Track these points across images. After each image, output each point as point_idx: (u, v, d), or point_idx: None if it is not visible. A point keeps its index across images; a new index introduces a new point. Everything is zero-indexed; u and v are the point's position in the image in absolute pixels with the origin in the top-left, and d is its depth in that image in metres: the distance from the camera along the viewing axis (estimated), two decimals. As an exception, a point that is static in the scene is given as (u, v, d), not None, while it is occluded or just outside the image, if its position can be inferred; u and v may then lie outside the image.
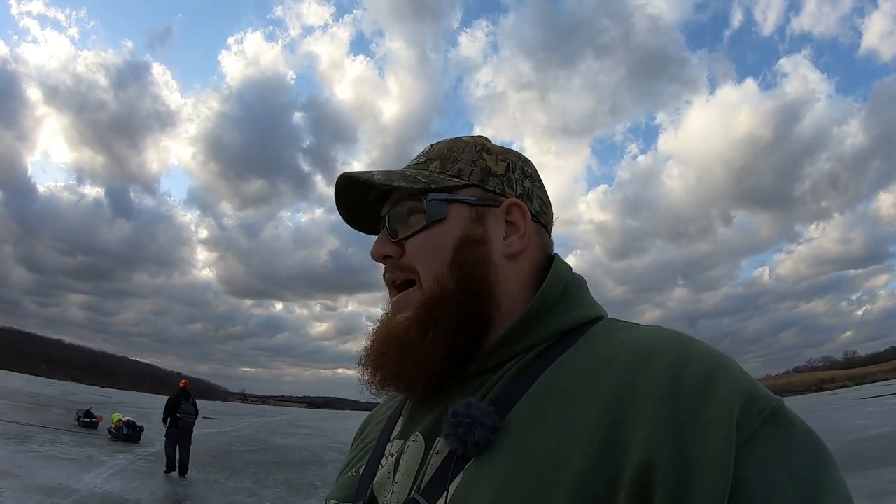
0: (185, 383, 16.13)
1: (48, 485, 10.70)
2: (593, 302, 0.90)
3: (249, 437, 30.65)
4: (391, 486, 0.80)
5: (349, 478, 0.93)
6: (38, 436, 17.91)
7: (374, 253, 0.90)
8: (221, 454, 20.69)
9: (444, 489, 0.72)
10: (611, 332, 0.81)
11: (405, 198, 0.89)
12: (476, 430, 0.72)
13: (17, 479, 10.82)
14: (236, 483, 14.06)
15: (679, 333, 0.75)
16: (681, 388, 0.65)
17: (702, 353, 0.70)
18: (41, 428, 20.17)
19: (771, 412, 0.65)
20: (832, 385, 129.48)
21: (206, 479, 14.29)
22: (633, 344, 0.74)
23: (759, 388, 0.67)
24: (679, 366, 0.67)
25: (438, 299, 0.83)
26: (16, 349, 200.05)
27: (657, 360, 0.69)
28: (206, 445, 22.44)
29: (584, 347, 0.79)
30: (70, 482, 11.31)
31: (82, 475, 12.35)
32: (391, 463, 0.83)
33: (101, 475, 12.78)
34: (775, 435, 0.63)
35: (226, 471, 16.12)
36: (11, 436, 16.66)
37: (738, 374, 0.67)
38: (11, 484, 10.29)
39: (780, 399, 0.67)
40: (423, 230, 0.87)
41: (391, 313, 0.89)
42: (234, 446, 24.44)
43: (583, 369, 0.75)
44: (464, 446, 0.73)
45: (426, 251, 0.86)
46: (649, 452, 0.61)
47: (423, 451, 0.81)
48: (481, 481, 0.70)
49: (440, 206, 0.87)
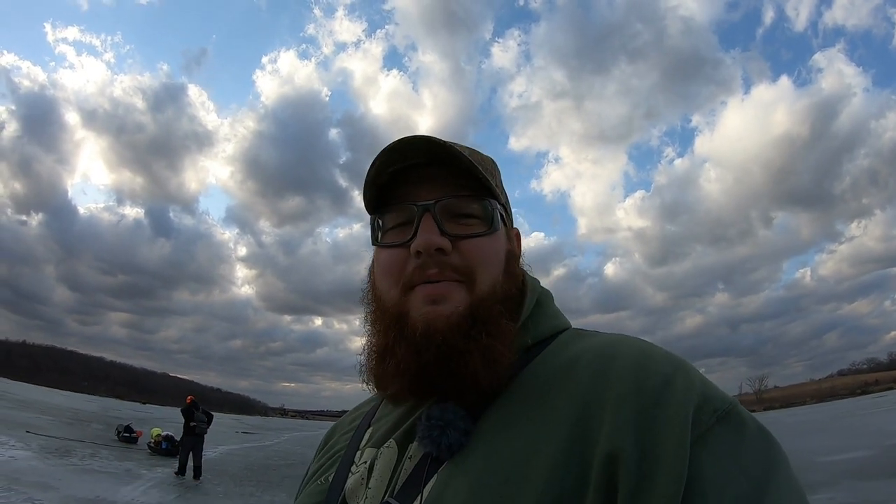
0: (192, 399, 17.69)
1: (86, 497, 10.74)
2: (559, 313, 0.95)
3: (288, 452, 30.96)
4: (364, 491, 0.82)
5: (318, 485, 0.92)
6: (78, 450, 18.17)
7: (428, 243, 0.81)
8: (259, 468, 20.85)
9: (418, 491, 0.75)
10: (575, 340, 0.85)
11: (464, 194, 0.86)
12: (449, 433, 0.76)
13: (55, 490, 10.86)
14: (272, 496, 14.05)
15: (639, 339, 0.80)
16: (642, 388, 0.69)
17: (661, 357, 0.74)
18: (81, 443, 20.50)
19: (724, 412, 0.68)
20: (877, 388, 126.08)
21: (243, 493, 14.35)
22: (595, 348, 0.79)
23: (714, 390, 0.71)
24: (639, 368, 0.72)
25: (489, 303, 0.83)
26: (58, 367, 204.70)
27: (618, 362, 0.74)
28: (244, 459, 22.66)
29: (551, 355, 0.83)
30: (107, 494, 11.34)
31: (120, 488, 12.41)
32: (364, 469, 0.85)
33: (139, 488, 12.84)
34: (728, 433, 0.67)
35: (262, 484, 16.18)
36: (52, 450, 16.88)
37: (695, 377, 0.71)
38: (50, 496, 10.32)
39: (735, 400, 0.71)
40: (483, 236, 0.86)
41: (427, 303, 0.82)
42: (272, 460, 24.65)
43: (549, 374, 0.79)
44: (437, 448, 0.76)
45: (488, 255, 0.85)
46: (613, 446, 0.65)
47: (396, 457, 0.83)
48: (454, 482, 0.72)
49: (498, 216, 0.88)
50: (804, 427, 32.02)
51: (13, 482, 10.94)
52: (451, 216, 0.84)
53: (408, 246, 0.83)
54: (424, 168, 0.87)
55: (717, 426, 0.67)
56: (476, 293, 0.82)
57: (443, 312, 0.80)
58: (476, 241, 0.84)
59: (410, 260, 0.83)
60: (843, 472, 13.44)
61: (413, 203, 0.85)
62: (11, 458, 14.09)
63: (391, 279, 0.85)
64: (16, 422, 23.03)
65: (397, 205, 0.87)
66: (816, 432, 27.50)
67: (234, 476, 17.09)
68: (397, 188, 0.88)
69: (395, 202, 0.88)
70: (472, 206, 0.86)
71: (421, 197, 0.85)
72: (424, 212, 0.83)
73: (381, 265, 0.88)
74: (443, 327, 0.79)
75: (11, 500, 9.49)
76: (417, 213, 0.84)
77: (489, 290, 0.83)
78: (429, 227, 0.82)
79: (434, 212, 0.83)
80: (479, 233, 0.85)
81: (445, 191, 0.85)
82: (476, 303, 0.81)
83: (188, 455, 15.98)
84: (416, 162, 0.86)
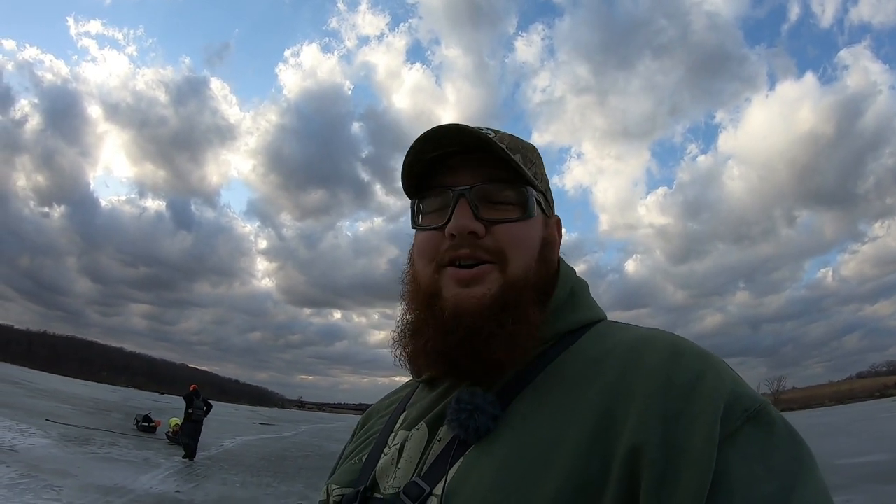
0: (195, 386, 19.44)
1: (105, 485, 10.87)
2: (595, 305, 0.95)
3: (304, 443, 31.17)
4: (394, 471, 0.84)
5: (351, 465, 0.95)
6: (98, 439, 18.39)
7: (461, 226, 0.85)
8: (276, 459, 21.02)
9: (443, 473, 0.76)
10: (609, 332, 0.86)
11: (500, 180, 0.88)
12: (477, 417, 0.77)
13: (75, 478, 11.01)
14: (289, 487, 14.14)
15: (673, 334, 0.80)
16: (672, 384, 0.69)
17: (693, 353, 0.74)
18: (101, 431, 20.73)
19: (755, 411, 0.68)
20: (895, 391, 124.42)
21: (260, 483, 14.43)
22: (628, 341, 0.80)
23: (745, 389, 0.71)
24: (671, 363, 0.72)
25: (520, 288, 0.84)
26: (78, 357, 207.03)
27: (650, 356, 0.74)
28: (261, 450, 22.81)
29: (584, 346, 0.84)
30: (126, 482, 11.48)
31: (138, 476, 12.55)
32: (395, 451, 0.87)
33: (157, 476, 12.99)
34: (757, 432, 0.67)
35: (279, 475, 16.28)
36: (72, 438, 17.10)
37: (725, 374, 0.71)
38: (70, 483, 10.46)
39: (766, 400, 0.70)
40: (518, 221, 0.87)
41: (458, 285, 0.85)
42: (289, 451, 24.83)
43: (580, 365, 0.80)
44: (465, 432, 0.77)
45: (522, 240, 0.87)
46: (638, 439, 0.66)
47: (426, 440, 0.84)
48: (480, 466, 0.74)
49: (534, 203, 0.89)
50: (822, 429, 31.67)
51: (33, 469, 11.10)
52: (487, 202, 0.87)
53: (443, 229, 0.87)
54: (463, 155, 0.89)
55: (747, 425, 0.67)
56: (508, 276, 0.85)
57: (474, 294, 0.83)
58: (510, 226, 0.87)
59: (445, 242, 0.87)
60: (862, 475, 13.34)
61: (450, 188, 0.88)
62: (32, 445, 14.26)
63: (426, 259, 0.89)
64: (36, 410, 23.34)
65: (436, 189, 0.91)
66: (834, 434, 27.18)
67: (252, 466, 17.22)
68: (436, 175, 0.91)
69: (434, 188, 0.91)
70: (508, 193, 0.88)
71: (458, 183, 0.88)
72: (460, 197, 0.86)
73: (418, 247, 0.92)
74: (473, 309, 0.82)
75: (31, 487, 9.63)
76: (453, 198, 0.87)
77: (522, 274, 0.85)
78: (463, 211, 0.85)
79: (469, 197, 0.86)
80: (513, 218, 0.87)
81: (482, 177, 0.88)
82: (508, 286, 0.84)
83: (188, 438, 17.43)
84: (455, 150, 0.89)
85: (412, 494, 0.77)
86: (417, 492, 0.77)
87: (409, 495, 0.77)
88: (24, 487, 9.53)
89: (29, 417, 19.99)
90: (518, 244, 0.87)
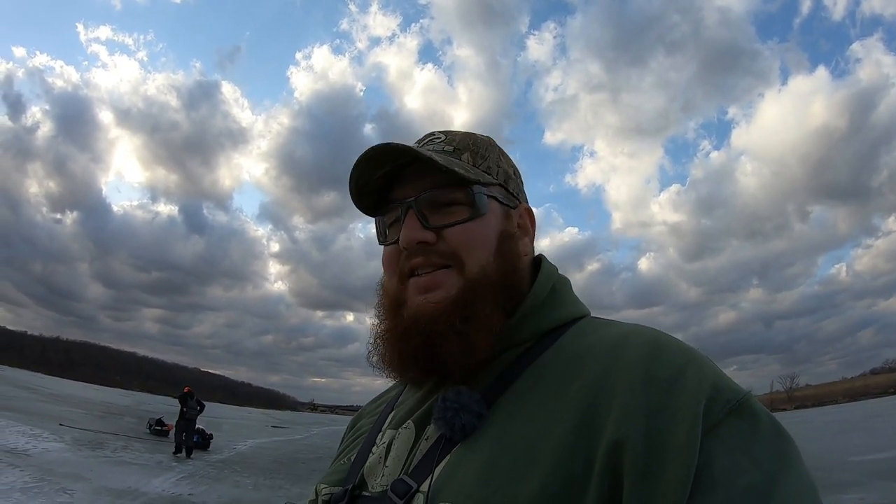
0: (189, 388, 20.85)
1: (117, 488, 10.94)
2: (577, 301, 0.96)
3: (317, 445, 31.21)
4: (381, 469, 0.86)
5: (340, 465, 0.98)
6: (111, 442, 18.49)
7: (410, 239, 0.88)
8: (289, 461, 21.11)
9: (430, 471, 0.77)
10: (592, 328, 0.87)
11: (444, 185, 0.89)
12: (463, 415, 0.79)
13: (87, 481, 11.09)
14: (301, 489, 14.13)
15: (655, 330, 0.81)
16: (653, 378, 0.70)
17: (674, 347, 0.75)
18: (114, 435, 20.84)
19: (737, 403, 0.69)
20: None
21: (273, 485, 14.49)
22: (610, 337, 0.81)
23: (726, 382, 0.72)
24: (652, 358, 0.73)
25: (480, 285, 0.86)
26: (91, 362, 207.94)
27: (632, 351, 0.75)
28: (274, 453, 22.87)
29: (567, 342, 0.85)
30: (139, 486, 11.55)
31: (151, 479, 12.63)
32: (383, 449, 0.89)
33: (170, 479, 13.07)
34: (740, 424, 0.68)
35: (291, 477, 16.34)
36: (85, 442, 17.22)
37: (707, 368, 0.72)
38: (83, 486, 10.54)
39: (748, 392, 0.71)
40: (467, 221, 0.88)
41: (419, 293, 0.89)
42: (301, 454, 24.87)
43: (563, 361, 0.81)
44: (451, 430, 0.79)
45: (474, 241, 0.88)
46: (620, 433, 0.66)
47: (413, 438, 0.86)
48: (466, 463, 0.75)
49: (484, 200, 0.90)
50: (835, 426, 31.41)
51: (47, 473, 11.18)
52: (436, 207, 0.90)
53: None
54: (412, 166, 0.92)
55: (730, 417, 0.68)
56: (466, 276, 0.87)
57: (433, 299, 0.86)
58: (461, 227, 0.88)
59: (403, 254, 0.90)
60: (874, 471, 13.18)
61: (400, 201, 0.91)
62: (45, 449, 14.37)
63: (390, 273, 0.94)
64: (50, 415, 23.50)
65: (392, 204, 0.94)
66: (847, 431, 26.95)
67: (264, 469, 17.27)
68: (393, 189, 0.95)
69: (391, 202, 0.95)
70: (455, 195, 0.89)
71: (406, 195, 0.91)
72: (408, 209, 0.90)
73: (383, 262, 0.96)
74: (430, 313, 0.85)
75: (45, 491, 9.71)
76: (402, 211, 0.90)
77: (478, 272, 0.87)
78: (411, 223, 0.89)
79: (416, 207, 0.89)
80: (462, 220, 0.88)
81: (429, 185, 0.90)
82: (466, 286, 0.86)
83: (182, 436, 18.97)
84: (405, 161, 0.92)
85: (399, 491, 0.78)
86: (404, 489, 0.78)
87: (397, 492, 0.78)
88: (37, 491, 9.61)
89: (42, 422, 20.10)
90: (470, 244, 0.88)
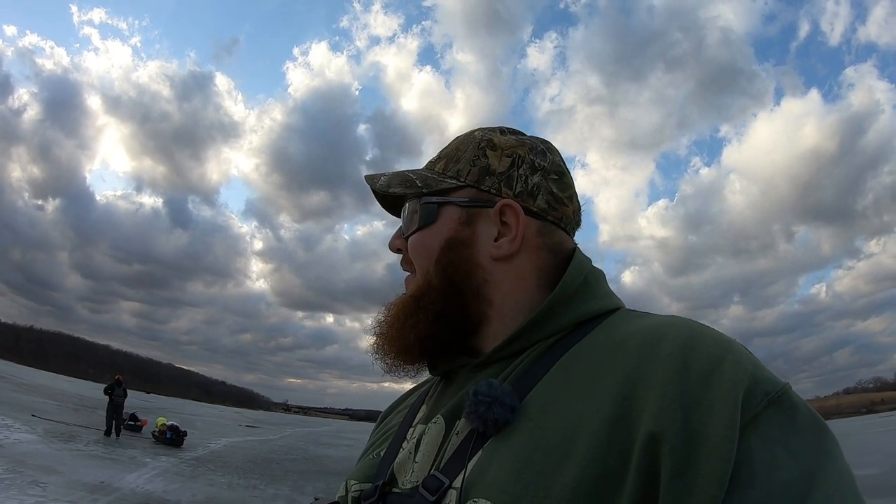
0: (119, 377, 23.17)
1: (91, 482, 10.81)
2: (611, 293, 0.94)
3: (290, 447, 31.11)
4: (411, 465, 0.84)
5: (370, 460, 0.96)
6: (84, 436, 18.32)
7: (390, 245, 1.00)
8: (262, 461, 20.99)
9: (463, 466, 0.76)
10: (626, 321, 0.84)
11: (410, 198, 0.96)
12: (495, 409, 0.76)
13: (60, 475, 10.93)
14: (276, 490, 14.10)
15: (691, 321, 0.78)
16: (689, 369, 0.68)
17: (711, 338, 0.73)
18: (87, 429, 20.68)
19: (776, 395, 0.67)
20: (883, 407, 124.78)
21: (247, 485, 14.39)
22: (645, 329, 0.78)
23: (765, 373, 0.69)
24: (688, 349, 0.71)
25: (424, 292, 0.91)
26: (65, 353, 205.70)
27: (667, 342, 0.72)
28: (248, 452, 22.75)
29: (600, 335, 0.83)
30: (112, 481, 11.41)
31: (125, 475, 12.48)
32: (412, 445, 0.87)
33: (143, 475, 12.93)
34: (779, 417, 0.66)
35: (266, 477, 16.24)
36: (57, 434, 17.04)
37: (745, 359, 0.70)
38: (55, 480, 10.38)
39: (787, 383, 0.70)
40: (418, 230, 0.94)
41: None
42: (275, 454, 24.78)
43: (597, 354, 0.79)
44: (483, 424, 0.76)
45: (418, 250, 0.94)
46: (657, 426, 0.65)
47: (443, 433, 0.84)
48: (499, 457, 0.73)
49: (431, 209, 0.93)
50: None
51: (19, 465, 11.04)
52: (407, 219, 0.98)
53: None
54: None
55: (768, 409, 0.65)
56: (417, 282, 0.94)
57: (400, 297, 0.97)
58: (414, 236, 0.95)
59: None
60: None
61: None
62: (17, 440, 14.21)
63: None
64: (22, 405, 23.24)
65: None
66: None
67: (238, 468, 17.15)
68: None
69: None
70: (410, 207, 0.97)
71: None
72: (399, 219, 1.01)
73: None
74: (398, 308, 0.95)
75: (17, 483, 9.58)
76: None
77: (422, 279, 0.93)
78: (395, 232, 1.00)
79: (401, 218, 1.00)
80: (413, 230, 0.95)
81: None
82: (416, 291, 0.93)
83: (112, 419, 20.88)
84: None
85: (431, 488, 0.77)
86: (436, 485, 0.76)
87: (428, 489, 0.77)
88: (9, 483, 9.48)
89: (14, 412, 19.91)
90: (416, 253, 0.94)
